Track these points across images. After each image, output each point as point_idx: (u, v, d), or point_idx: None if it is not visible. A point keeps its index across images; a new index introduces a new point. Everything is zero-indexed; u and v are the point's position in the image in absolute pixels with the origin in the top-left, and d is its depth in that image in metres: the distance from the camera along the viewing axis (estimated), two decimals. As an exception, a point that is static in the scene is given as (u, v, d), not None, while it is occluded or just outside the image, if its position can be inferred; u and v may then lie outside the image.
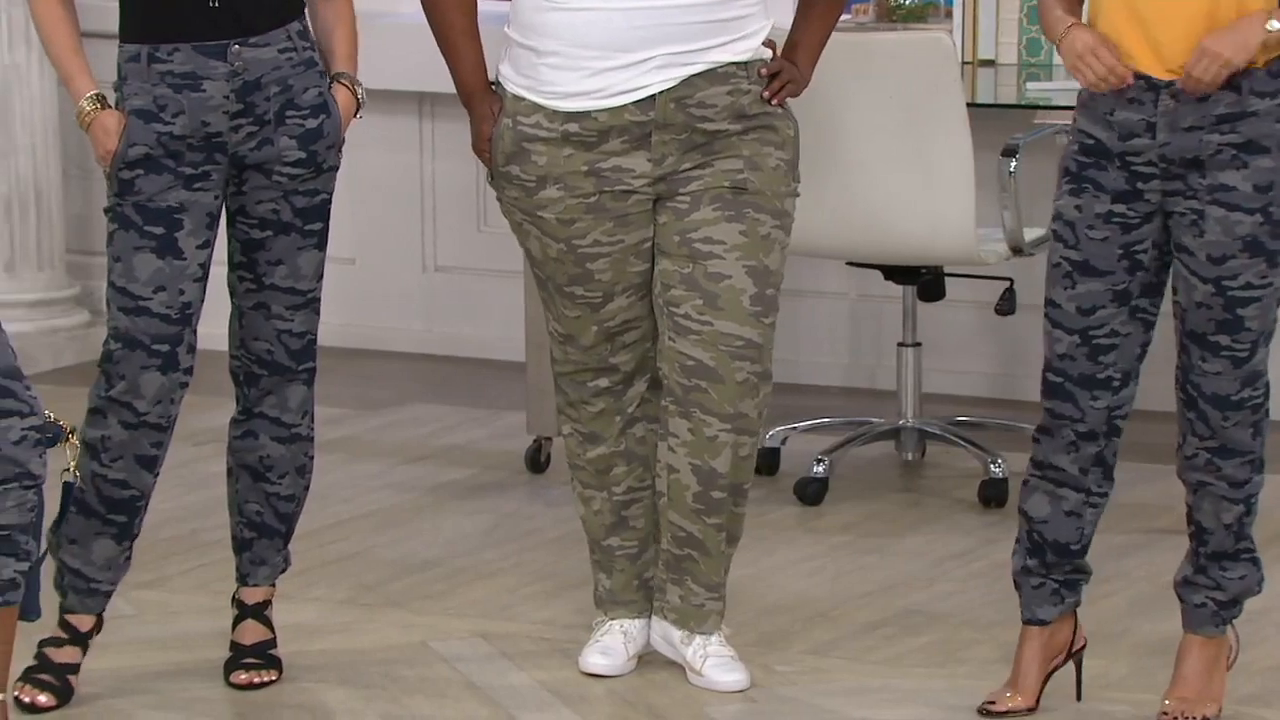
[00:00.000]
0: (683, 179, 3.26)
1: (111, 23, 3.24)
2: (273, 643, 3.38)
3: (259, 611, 3.37)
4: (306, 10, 3.28)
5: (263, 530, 3.36)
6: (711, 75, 3.22)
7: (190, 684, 3.36)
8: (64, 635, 3.30)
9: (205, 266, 3.23)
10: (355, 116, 3.30)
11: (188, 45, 3.16)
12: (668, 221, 3.28)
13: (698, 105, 3.23)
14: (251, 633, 3.36)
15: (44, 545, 2.90)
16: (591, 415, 3.35)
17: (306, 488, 3.40)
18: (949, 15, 4.70)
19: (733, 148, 3.26)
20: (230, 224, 3.28)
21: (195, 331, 3.25)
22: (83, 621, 3.30)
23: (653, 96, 3.21)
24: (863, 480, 4.39)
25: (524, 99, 3.24)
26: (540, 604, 3.74)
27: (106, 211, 3.25)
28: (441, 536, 4.08)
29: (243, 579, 3.38)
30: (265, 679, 3.34)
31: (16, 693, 3.25)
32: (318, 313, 3.35)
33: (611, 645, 3.42)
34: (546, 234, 3.28)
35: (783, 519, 4.19)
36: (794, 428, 4.45)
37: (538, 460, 4.44)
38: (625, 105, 3.20)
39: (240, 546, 3.38)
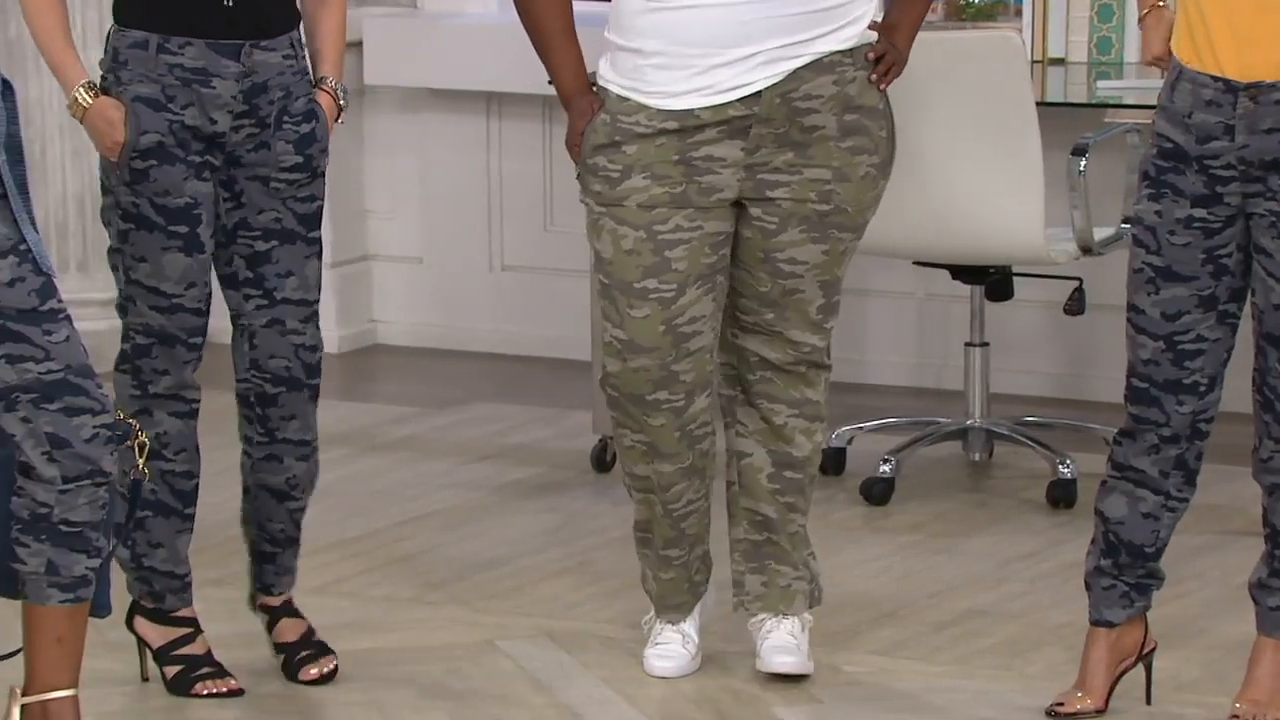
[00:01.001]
0: (770, 181, 3.25)
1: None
2: (314, 629, 3.39)
3: (289, 609, 3.38)
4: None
5: (285, 543, 3.37)
6: (817, 66, 3.21)
7: (257, 681, 3.38)
8: (186, 630, 3.34)
9: (213, 254, 3.25)
10: (337, 121, 3.28)
11: (201, 41, 3.15)
12: (752, 237, 3.28)
13: (803, 98, 3.21)
14: (292, 629, 3.37)
15: (113, 543, 2.91)
16: (654, 430, 3.30)
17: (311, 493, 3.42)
18: (1018, 14, 4.67)
19: (825, 155, 3.24)
20: (231, 241, 3.25)
21: None
22: (190, 611, 3.36)
23: (758, 92, 3.19)
24: (929, 480, 4.36)
25: (628, 99, 3.24)
26: (605, 603, 3.74)
27: (114, 207, 3.20)
28: (507, 535, 4.09)
29: (267, 589, 3.37)
30: (330, 665, 3.34)
31: (204, 690, 3.29)
32: (319, 324, 3.32)
33: (671, 648, 3.42)
34: (625, 223, 3.25)
35: (849, 519, 4.17)
36: (860, 428, 4.43)
37: (603, 459, 4.44)
38: (730, 102, 3.19)
39: (262, 559, 3.37)
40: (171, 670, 3.34)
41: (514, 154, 5.26)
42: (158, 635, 3.35)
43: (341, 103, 3.27)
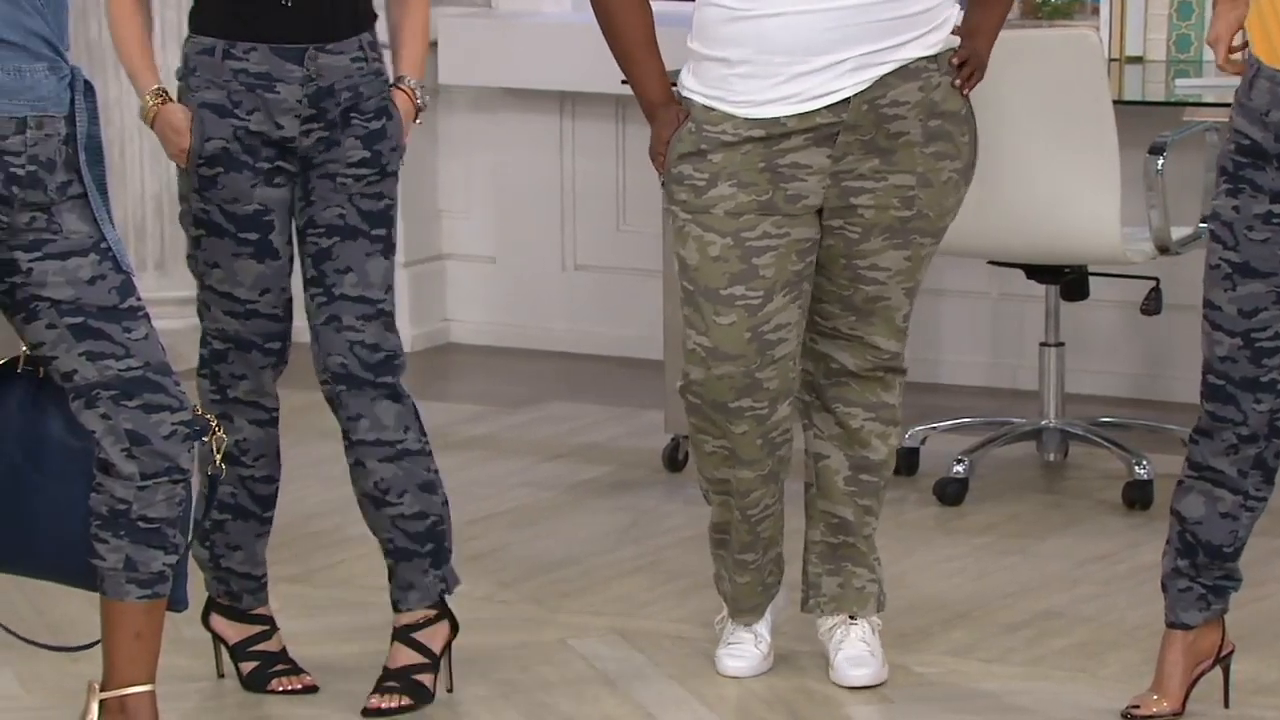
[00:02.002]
0: (855, 188, 3.23)
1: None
2: (420, 667, 3.27)
3: (407, 634, 3.29)
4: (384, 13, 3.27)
5: (399, 554, 3.28)
6: (904, 72, 3.20)
7: (332, 678, 3.39)
8: (263, 628, 3.35)
9: (293, 258, 3.25)
10: (415, 121, 3.25)
11: (265, 46, 3.15)
12: (835, 244, 3.27)
13: (890, 104, 3.20)
14: (399, 656, 3.30)
15: (191, 538, 2.94)
16: (736, 437, 3.27)
17: (444, 503, 3.29)
18: (1096, 12, 4.64)
19: (910, 160, 3.23)
20: (302, 240, 3.24)
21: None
22: (266, 609, 3.36)
23: (846, 100, 3.18)
24: (1003, 481, 4.34)
25: (714, 109, 3.23)
26: (677, 602, 3.74)
27: (187, 213, 3.21)
28: (579, 534, 4.09)
29: (394, 605, 3.31)
30: (394, 704, 3.24)
31: (279, 687, 3.30)
32: (393, 329, 3.23)
33: (744, 648, 3.41)
34: (711, 230, 3.23)
35: (922, 519, 4.15)
36: (934, 428, 4.41)
37: (675, 459, 4.43)
38: (818, 109, 3.18)
39: (389, 573, 3.32)
40: (247, 666, 3.35)
41: (587, 153, 5.26)
42: (234, 632, 3.36)
43: (419, 103, 3.25)
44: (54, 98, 2.82)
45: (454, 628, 3.32)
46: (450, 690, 3.33)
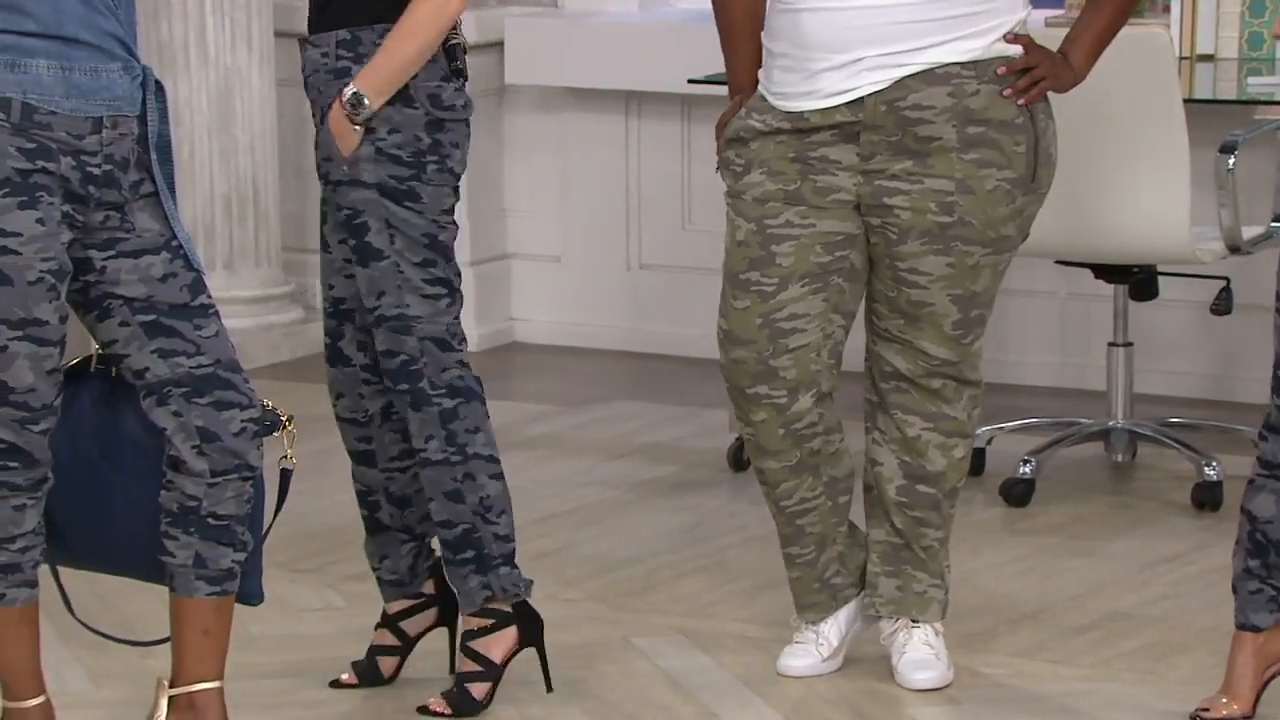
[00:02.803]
0: (889, 188, 3.22)
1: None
2: (473, 675, 3.23)
3: (464, 642, 3.26)
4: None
5: (444, 559, 3.26)
6: (928, 76, 3.18)
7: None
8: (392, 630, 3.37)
9: (349, 260, 3.19)
10: (355, 128, 3.09)
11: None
12: (877, 244, 3.26)
13: (912, 107, 3.18)
14: (459, 663, 3.28)
15: (263, 533, 2.95)
16: (757, 425, 3.28)
17: (477, 513, 3.19)
18: (1167, 10, 4.61)
19: (947, 165, 3.20)
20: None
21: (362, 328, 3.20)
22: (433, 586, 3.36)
23: (861, 98, 3.18)
24: (1071, 482, 4.31)
25: (764, 98, 3.26)
26: (742, 602, 3.73)
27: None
28: (643, 534, 4.09)
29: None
30: (438, 709, 3.22)
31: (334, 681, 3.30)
32: (401, 330, 3.13)
33: (803, 648, 3.41)
34: (741, 215, 3.26)
35: (988, 520, 4.13)
36: (1000, 428, 4.39)
37: (740, 458, 4.43)
38: (836, 106, 3.18)
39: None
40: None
41: (653, 153, 5.26)
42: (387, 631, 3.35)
43: (354, 115, 3.08)
44: (128, 97, 2.84)
45: (523, 636, 3.26)
46: (550, 691, 3.31)
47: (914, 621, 3.38)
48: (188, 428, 2.86)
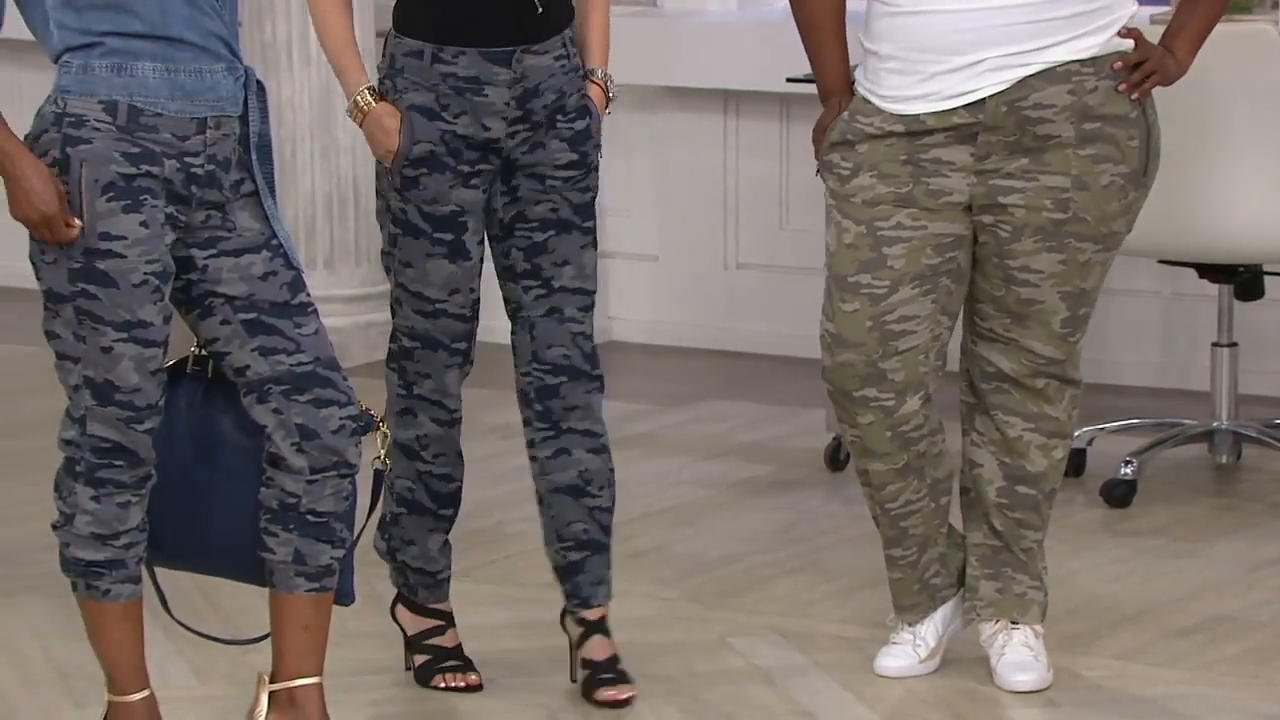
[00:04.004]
0: (1003, 187, 3.20)
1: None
2: (619, 658, 3.32)
3: (603, 626, 3.31)
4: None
5: (593, 547, 3.30)
6: (1049, 75, 3.16)
7: (495, 674, 3.41)
8: (438, 622, 3.37)
9: (483, 260, 3.26)
10: (605, 112, 3.28)
11: (474, 50, 3.17)
12: (987, 243, 3.24)
13: (1033, 107, 3.16)
14: (603, 648, 3.31)
15: (358, 532, 2.97)
16: (864, 427, 3.26)
17: (614, 498, 3.35)
18: (1275, 6, 4.55)
19: (1063, 161, 3.19)
20: (508, 235, 3.25)
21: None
22: (445, 605, 3.38)
23: (983, 100, 3.16)
24: (1173, 483, 4.27)
25: (868, 101, 3.24)
26: (838, 602, 3.72)
27: (385, 211, 3.23)
28: (740, 533, 4.08)
29: (584, 602, 3.31)
30: (628, 694, 3.28)
31: (442, 683, 3.32)
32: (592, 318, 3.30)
33: (900, 648, 3.39)
34: (849, 217, 3.24)
35: (1088, 521, 4.10)
36: (1101, 428, 4.35)
37: (837, 458, 4.41)
38: (955, 109, 3.17)
39: (571, 570, 3.31)
40: (419, 659, 3.38)
41: (751, 152, 5.26)
42: (412, 624, 3.39)
43: (611, 94, 3.29)
44: (231, 98, 2.86)
45: None
46: (574, 681, 3.34)
47: (1013, 623, 3.36)
48: (287, 425, 2.88)
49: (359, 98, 3.18)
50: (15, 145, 2.78)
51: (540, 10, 3.16)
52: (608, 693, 3.27)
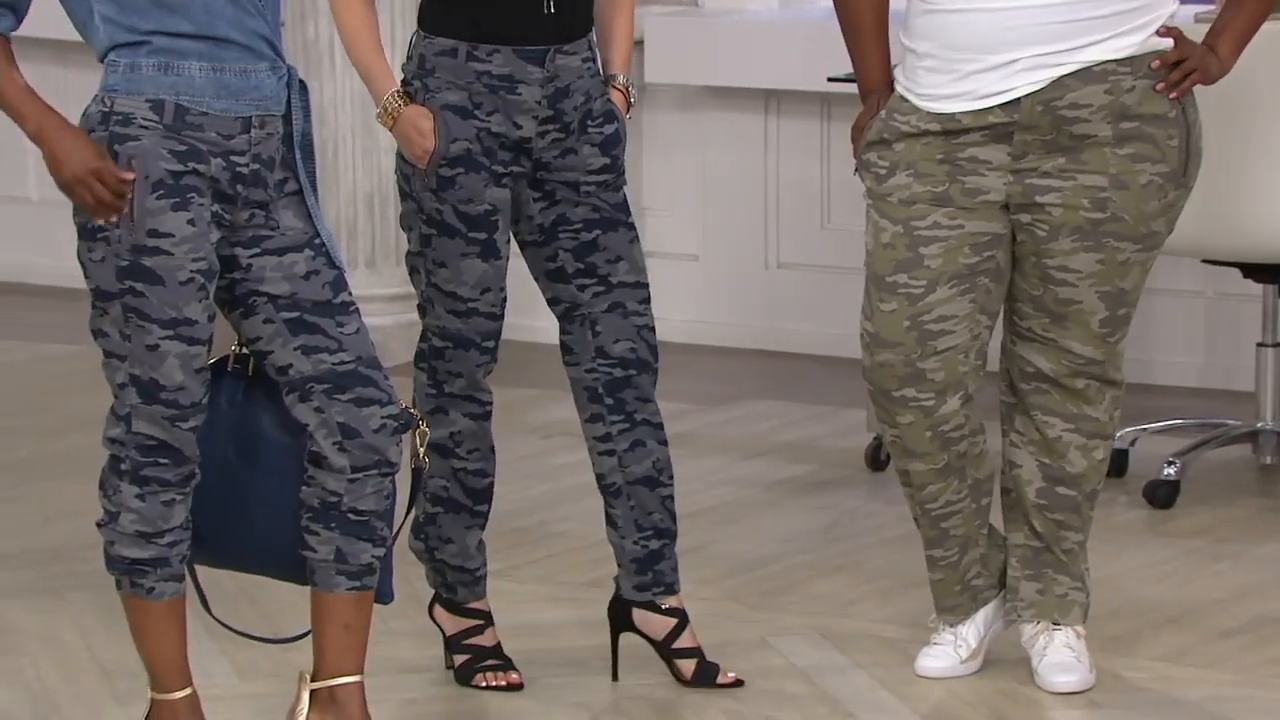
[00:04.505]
0: (1040, 186, 3.19)
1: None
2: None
3: (687, 616, 3.35)
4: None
5: (670, 535, 3.33)
6: (1085, 74, 3.15)
7: (536, 673, 3.41)
8: (477, 622, 3.38)
9: (509, 258, 3.27)
10: (626, 117, 3.30)
11: (508, 48, 3.17)
12: (1024, 242, 3.23)
13: (1069, 106, 3.15)
14: (693, 635, 3.35)
15: (397, 531, 2.97)
16: (904, 427, 3.25)
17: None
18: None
19: (1101, 161, 3.17)
20: (551, 238, 3.26)
21: None
22: (483, 604, 3.39)
23: (1018, 99, 3.15)
24: (1217, 484, 4.25)
25: (906, 99, 3.23)
26: (879, 602, 3.71)
27: (416, 212, 3.23)
28: (780, 533, 4.08)
29: (669, 588, 3.33)
30: (730, 679, 3.32)
31: (483, 682, 3.33)
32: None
33: (941, 649, 3.38)
34: (886, 217, 3.24)
35: (1131, 522, 4.08)
36: (1144, 429, 4.33)
37: (878, 458, 4.40)
38: (990, 108, 3.16)
39: (652, 559, 3.32)
40: (459, 659, 3.39)
41: (792, 152, 5.25)
42: (451, 624, 3.40)
43: (631, 99, 3.31)
44: (275, 97, 2.87)
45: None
46: (616, 680, 3.35)
47: (1055, 624, 3.34)
48: (329, 424, 2.89)
49: (388, 102, 3.19)
50: (43, 114, 2.76)
51: (552, 11, 3.16)
52: (729, 675, 3.32)
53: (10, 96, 2.79)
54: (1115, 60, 3.16)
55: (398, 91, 3.20)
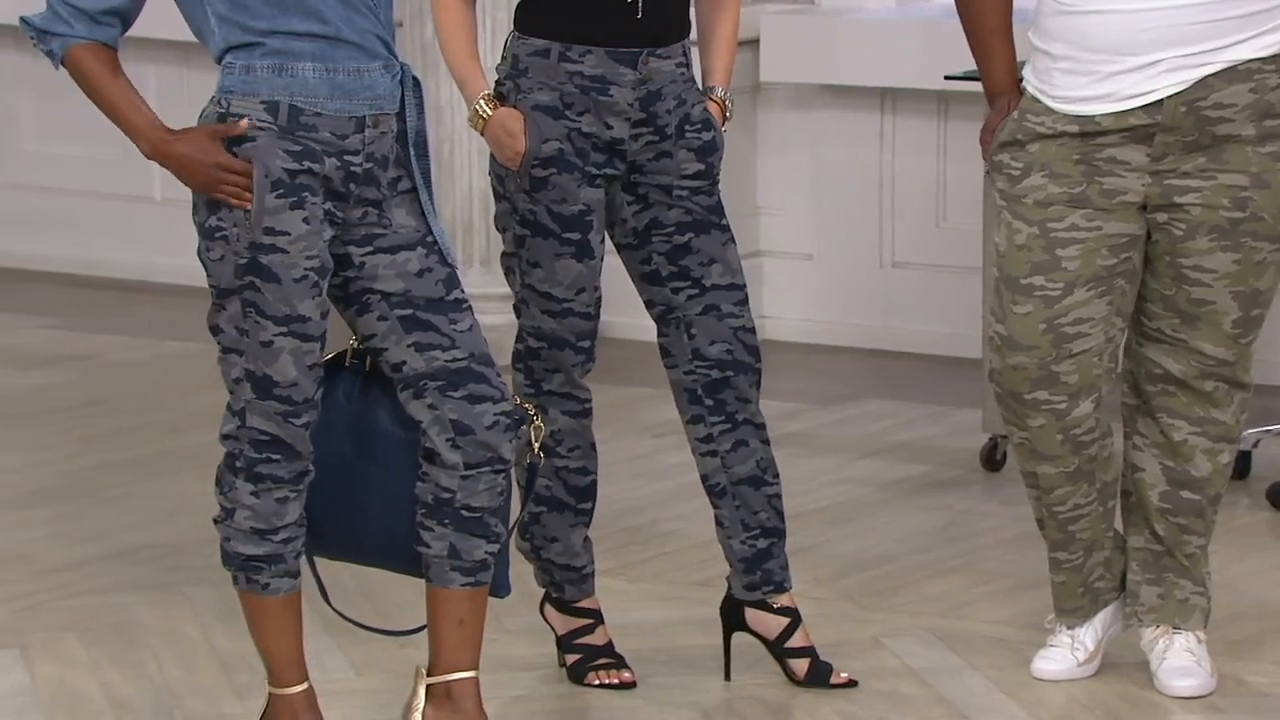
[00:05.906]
0: (1179, 186, 3.16)
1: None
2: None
3: (799, 614, 3.35)
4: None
5: (778, 534, 3.33)
6: (1230, 74, 3.11)
7: (648, 671, 3.41)
8: (587, 621, 3.39)
9: (603, 258, 3.27)
10: (723, 130, 3.29)
11: (601, 49, 3.17)
12: (1159, 241, 3.20)
13: (1213, 107, 3.12)
14: (806, 635, 3.35)
15: (512, 526, 2.98)
16: (1034, 430, 3.22)
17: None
18: None
19: (1242, 160, 3.13)
20: (644, 242, 3.26)
21: None
22: (592, 602, 3.39)
23: (1160, 101, 3.12)
24: (1341, 487, 4.18)
25: (1039, 100, 3.20)
26: (995, 604, 3.68)
27: (510, 213, 3.24)
28: (894, 533, 4.06)
29: (778, 587, 3.33)
30: (844, 679, 3.33)
31: (595, 680, 3.34)
32: (750, 310, 3.31)
33: (1058, 651, 3.35)
34: (1020, 218, 3.20)
35: (1253, 525, 4.02)
36: (1268, 430, 4.27)
37: (993, 458, 4.37)
38: (1132, 110, 3.12)
39: (760, 558, 3.32)
40: (572, 658, 3.40)
41: (907, 150, 5.22)
42: (561, 623, 3.41)
43: (729, 114, 3.29)
44: (388, 95, 2.89)
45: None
46: (728, 679, 3.34)
47: (1176, 629, 3.30)
48: (442, 421, 2.91)
49: (478, 105, 3.20)
50: (152, 129, 2.80)
51: (638, 16, 3.15)
52: (842, 675, 3.32)
53: (123, 111, 2.82)
54: (1259, 59, 3.12)
55: (488, 95, 3.21)
